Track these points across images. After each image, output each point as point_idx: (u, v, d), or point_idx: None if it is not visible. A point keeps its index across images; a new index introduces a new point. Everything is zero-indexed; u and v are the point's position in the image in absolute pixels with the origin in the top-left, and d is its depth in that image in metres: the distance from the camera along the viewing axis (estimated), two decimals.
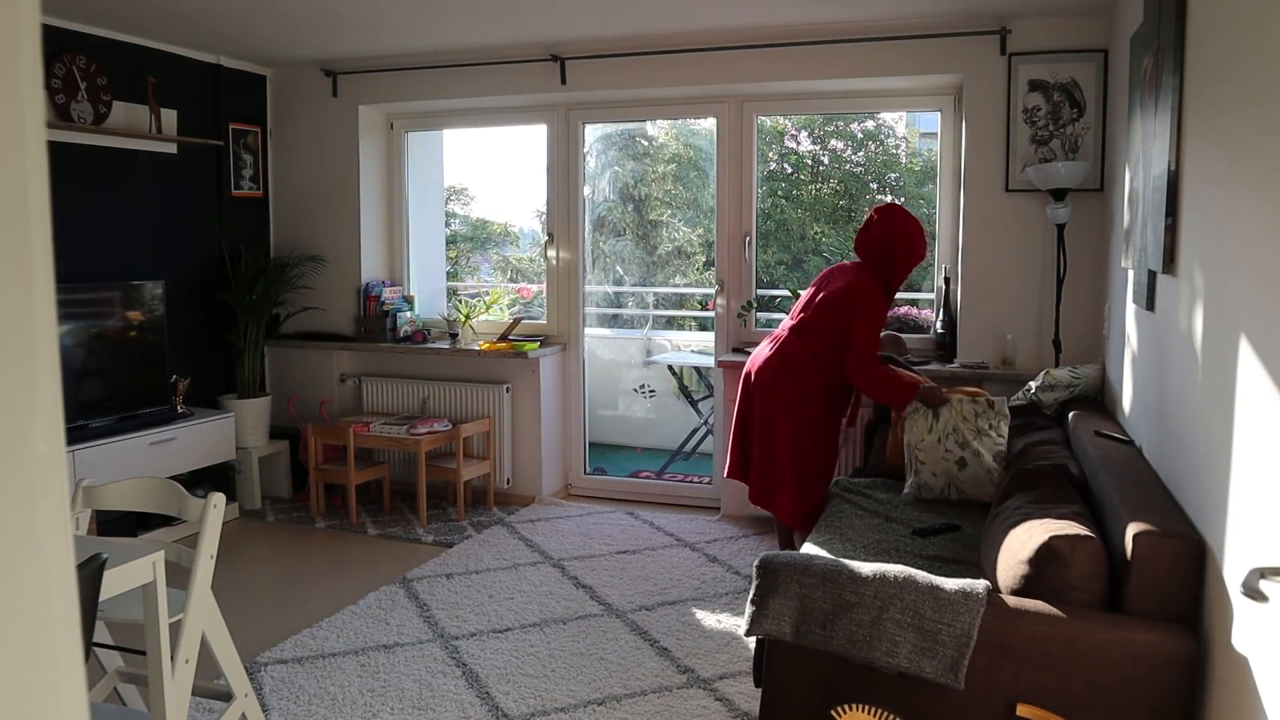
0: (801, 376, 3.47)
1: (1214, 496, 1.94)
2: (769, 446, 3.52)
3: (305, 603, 3.71)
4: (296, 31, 4.49)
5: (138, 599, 2.13)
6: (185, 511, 2.35)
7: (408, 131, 5.46)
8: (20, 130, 0.50)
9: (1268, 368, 1.63)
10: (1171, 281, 2.47)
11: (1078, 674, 1.99)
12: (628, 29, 4.42)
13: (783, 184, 8.68)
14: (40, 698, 0.52)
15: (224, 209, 5.07)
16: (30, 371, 0.51)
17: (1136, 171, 3.02)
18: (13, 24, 0.49)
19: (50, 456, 0.52)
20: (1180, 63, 2.39)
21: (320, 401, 5.27)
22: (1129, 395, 3.15)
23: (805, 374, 3.47)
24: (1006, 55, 4.11)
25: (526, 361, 4.97)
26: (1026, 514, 2.36)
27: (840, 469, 4.50)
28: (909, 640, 2.08)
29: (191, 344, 4.93)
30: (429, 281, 5.67)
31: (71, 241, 4.25)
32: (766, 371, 3.52)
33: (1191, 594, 1.99)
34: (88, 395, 4.19)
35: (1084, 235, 4.03)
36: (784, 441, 3.48)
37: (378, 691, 2.97)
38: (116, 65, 4.43)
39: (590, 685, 3.02)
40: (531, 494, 5.07)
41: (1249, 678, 1.68)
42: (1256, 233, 1.73)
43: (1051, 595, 2.09)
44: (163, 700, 2.12)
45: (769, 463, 3.53)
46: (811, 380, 3.47)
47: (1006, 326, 4.22)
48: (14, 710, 0.50)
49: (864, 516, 3.24)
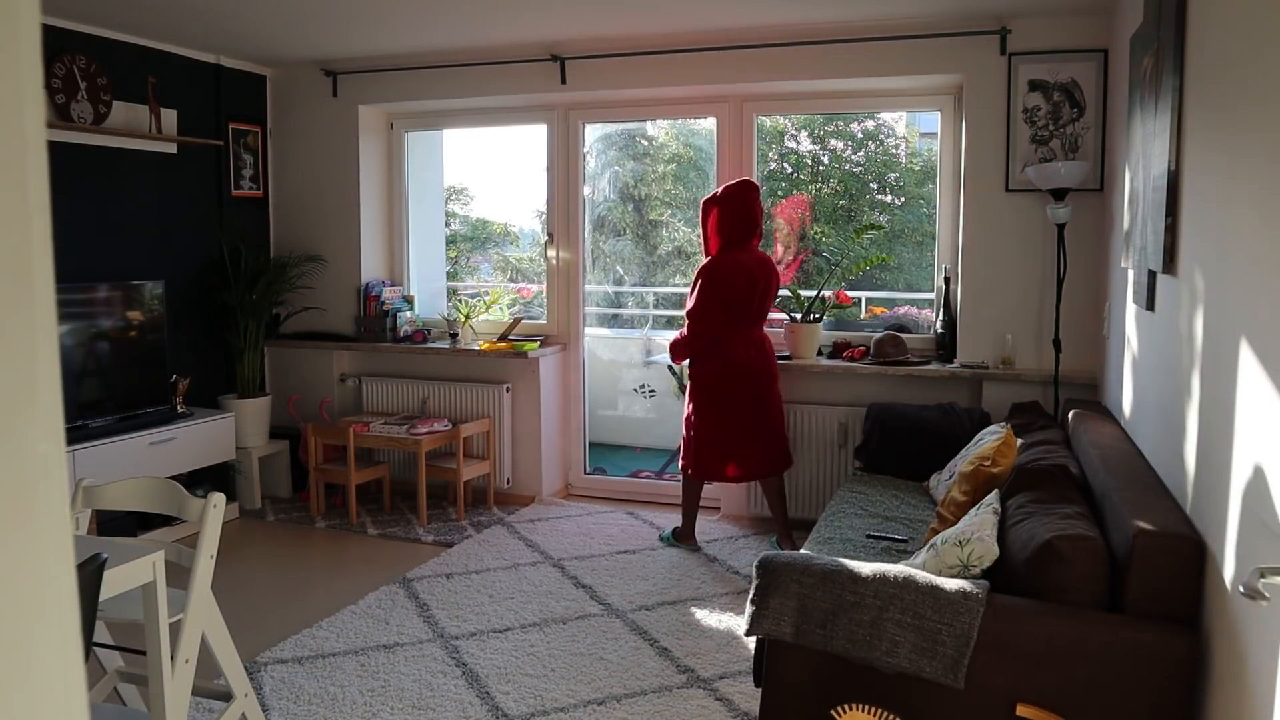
0: (774, 355, 4.24)
1: (1214, 496, 1.94)
2: (770, 423, 4.14)
3: (305, 603, 3.71)
4: (296, 31, 4.49)
5: (138, 599, 2.13)
6: (185, 511, 2.35)
7: (408, 131, 5.46)
8: (20, 130, 0.50)
9: (1268, 367, 1.63)
10: (1171, 281, 2.47)
11: (1078, 674, 1.99)
12: (628, 29, 4.42)
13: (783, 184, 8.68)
14: (40, 698, 0.52)
15: (224, 209, 5.07)
16: (30, 372, 0.51)
17: (1136, 171, 3.02)
18: (13, 24, 0.49)
19: (50, 456, 0.52)
20: (1180, 63, 2.39)
21: (320, 401, 5.27)
22: (1129, 395, 3.15)
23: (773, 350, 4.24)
24: (1006, 55, 4.11)
25: (526, 361, 4.97)
26: (1028, 513, 2.36)
27: (847, 467, 4.51)
28: (909, 640, 2.08)
29: (191, 344, 4.93)
30: (429, 281, 5.67)
31: (71, 241, 4.25)
32: (767, 364, 4.13)
33: (1191, 594, 1.99)
34: (88, 395, 4.19)
35: (1084, 235, 4.03)
36: (778, 411, 4.20)
37: (378, 691, 2.97)
38: (116, 65, 4.43)
39: (590, 685, 3.02)
40: (531, 494, 5.07)
41: (1249, 678, 1.68)
42: (1257, 232, 1.73)
43: (1052, 595, 2.10)
44: (163, 700, 2.12)
45: (775, 431, 4.16)
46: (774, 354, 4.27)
47: (1006, 326, 4.22)
48: (14, 710, 0.50)
49: (863, 516, 3.24)
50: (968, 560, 2.25)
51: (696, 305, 4.04)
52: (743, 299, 4.01)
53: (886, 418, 4.07)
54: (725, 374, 4.06)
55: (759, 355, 4.09)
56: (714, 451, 4.12)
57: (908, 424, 4.01)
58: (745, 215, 4.04)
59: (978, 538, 2.28)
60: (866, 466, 4.05)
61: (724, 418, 4.08)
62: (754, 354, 4.08)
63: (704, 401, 4.12)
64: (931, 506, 3.56)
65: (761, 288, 4.05)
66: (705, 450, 4.13)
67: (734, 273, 4.00)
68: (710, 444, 4.11)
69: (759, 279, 4.03)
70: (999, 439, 2.97)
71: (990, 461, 2.88)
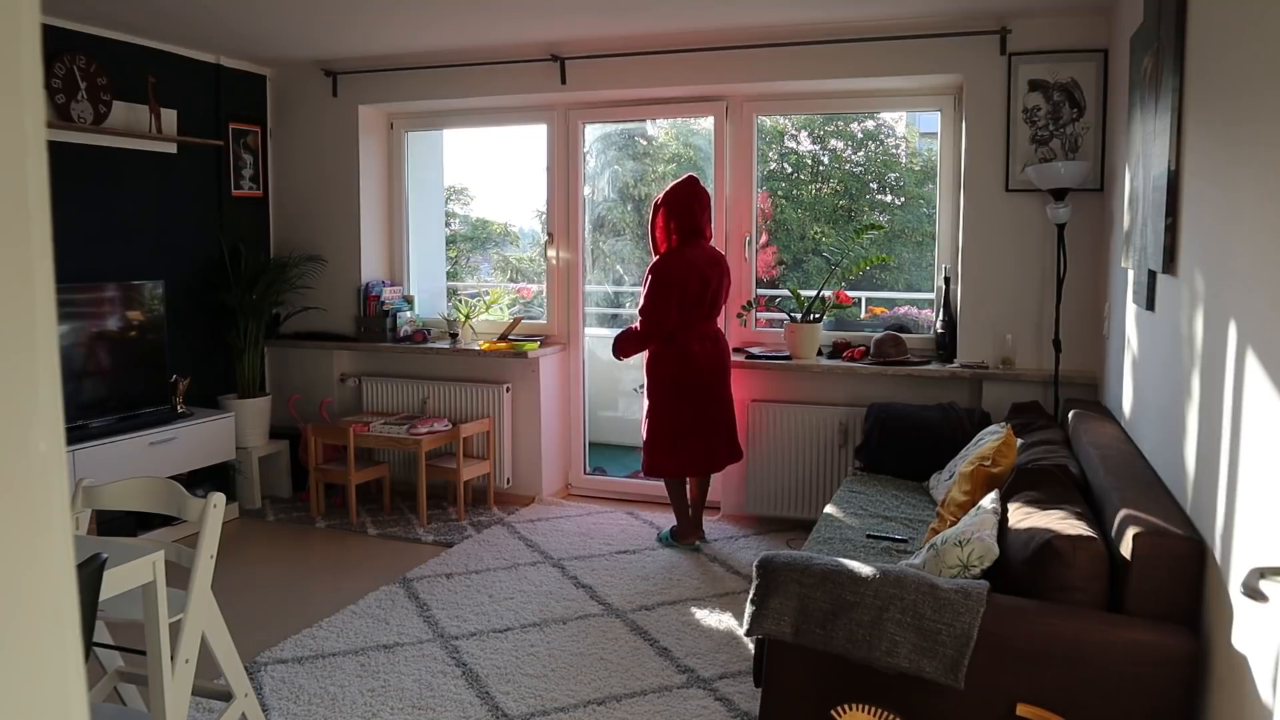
0: (728, 349, 4.34)
1: (1214, 496, 1.94)
2: (725, 416, 4.24)
3: (305, 603, 3.71)
4: (296, 31, 4.49)
5: (138, 599, 2.13)
6: (185, 511, 2.35)
7: (408, 131, 5.46)
8: (20, 130, 0.50)
9: (1267, 367, 1.63)
10: (1171, 281, 2.47)
11: (1078, 674, 1.99)
12: (628, 29, 4.42)
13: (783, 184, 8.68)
14: (40, 698, 0.52)
15: (224, 209, 5.07)
16: (30, 371, 0.51)
17: (1136, 171, 3.02)
18: (13, 24, 0.49)
19: (50, 456, 0.52)
20: (1180, 62, 2.39)
21: (320, 401, 5.27)
22: (1129, 395, 3.15)
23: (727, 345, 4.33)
24: (1006, 55, 4.11)
25: (526, 361, 4.97)
26: (1028, 513, 2.36)
27: (847, 466, 4.51)
28: (909, 640, 2.08)
29: (191, 344, 4.93)
30: (429, 281, 5.67)
31: (71, 241, 4.25)
32: (721, 357, 4.22)
33: (1191, 594, 1.99)
34: (88, 395, 4.19)
35: (1084, 235, 4.03)
36: (730, 405, 4.29)
37: (378, 691, 2.97)
38: (116, 65, 4.42)
39: (590, 685, 3.02)
40: (531, 494, 5.07)
41: (1249, 678, 1.68)
42: (1257, 232, 1.73)
43: (1053, 595, 2.10)
44: (163, 700, 2.12)
45: (730, 425, 4.27)
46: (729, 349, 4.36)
47: (1006, 326, 4.22)
48: (14, 710, 0.50)
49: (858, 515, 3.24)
50: (968, 560, 2.25)
51: (647, 302, 4.11)
52: (694, 295, 4.09)
53: (886, 418, 4.07)
54: (682, 369, 4.13)
55: (714, 349, 4.18)
56: (671, 446, 4.18)
57: (908, 424, 4.01)
58: (686, 212, 4.11)
59: (978, 538, 2.28)
60: (866, 466, 4.05)
61: (683, 412, 4.16)
62: (709, 348, 4.16)
63: (661, 397, 4.19)
64: (931, 506, 3.56)
65: (714, 284, 4.14)
66: (663, 445, 4.19)
67: (685, 269, 4.07)
68: (667, 438, 4.18)
69: (710, 275, 4.12)
70: (999, 439, 2.97)
71: (990, 461, 2.88)
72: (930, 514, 3.44)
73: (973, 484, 2.83)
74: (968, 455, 3.32)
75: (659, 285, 4.08)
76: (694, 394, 4.15)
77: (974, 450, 3.29)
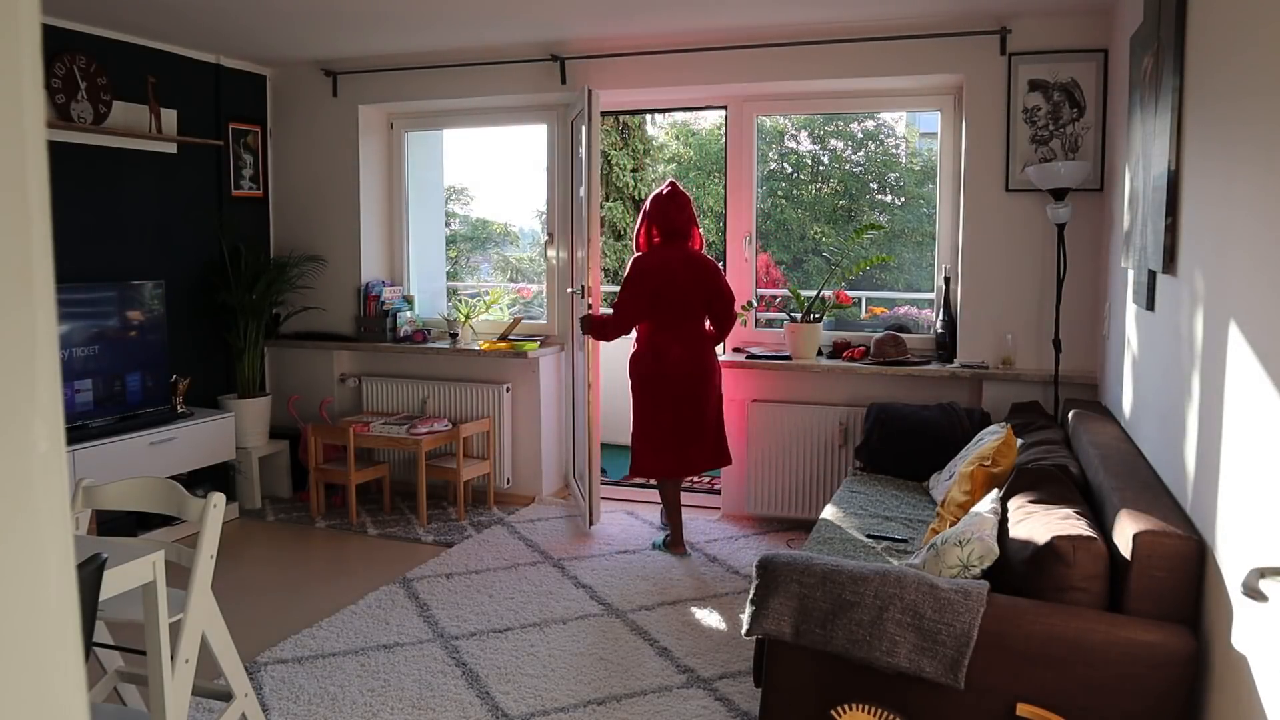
0: (713, 353, 4.32)
1: (1214, 496, 1.94)
2: (706, 420, 4.21)
3: (305, 603, 3.71)
4: (296, 31, 4.49)
5: (138, 599, 2.13)
6: (185, 511, 2.35)
7: (408, 131, 5.46)
8: (20, 130, 0.50)
9: (1267, 367, 1.63)
10: (1171, 281, 2.47)
11: (1077, 674, 1.99)
12: (628, 29, 4.42)
13: (783, 184, 8.68)
14: (40, 698, 0.52)
15: (224, 209, 5.07)
16: (30, 371, 0.51)
17: (1136, 171, 3.02)
18: (13, 24, 0.49)
19: (50, 456, 0.52)
20: (1180, 63, 2.39)
21: (320, 401, 5.27)
22: (1129, 395, 3.15)
23: (713, 349, 4.31)
24: (1006, 55, 4.11)
25: (526, 361, 4.97)
26: (1028, 513, 2.36)
27: (848, 466, 4.51)
28: (909, 640, 2.08)
29: (191, 344, 4.93)
30: (429, 281, 5.66)
31: (71, 241, 4.25)
32: (701, 360, 4.20)
33: (1191, 594, 1.99)
34: (88, 395, 4.19)
35: (1084, 235, 4.03)
36: (715, 408, 4.27)
37: (378, 691, 2.97)
38: (116, 65, 4.42)
39: (590, 685, 3.02)
40: (531, 494, 5.07)
41: (1249, 678, 1.68)
42: (1256, 232, 1.73)
43: (1053, 595, 2.09)
44: (163, 700, 2.12)
45: (711, 429, 4.24)
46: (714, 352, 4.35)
47: (1006, 326, 4.22)
48: (14, 710, 0.50)
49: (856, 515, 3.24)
50: (968, 560, 2.25)
51: (619, 295, 4.25)
52: (665, 293, 4.12)
53: (886, 417, 4.07)
54: (657, 370, 4.16)
55: (694, 352, 4.18)
56: (649, 447, 4.21)
57: (908, 424, 4.01)
58: (662, 217, 4.24)
59: (978, 538, 2.28)
60: (866, 466, 4.05)
61: (659, 414, 4.18)
62: (687, 351, 4.16)
63: (638, 396, 4.25)
64: (931, 506, 3.56)
65: (689, 285, 4.15)
66: (642, 446, 4.23)
67: (656, 266, 4.16)
68: (645, 439, 4.22)
69: (681, 275, 4.15)
70: (999, 439, 2.97)
71: (990, 461, 2.88)
72: (930, 514, 3.44)
73: (973, 484, 2.83)
74: (968, 455, 3.32)
75: (630, 279, 4.21)
76: (668, 396, 4.15)
77: (974, 450, 3.30)
